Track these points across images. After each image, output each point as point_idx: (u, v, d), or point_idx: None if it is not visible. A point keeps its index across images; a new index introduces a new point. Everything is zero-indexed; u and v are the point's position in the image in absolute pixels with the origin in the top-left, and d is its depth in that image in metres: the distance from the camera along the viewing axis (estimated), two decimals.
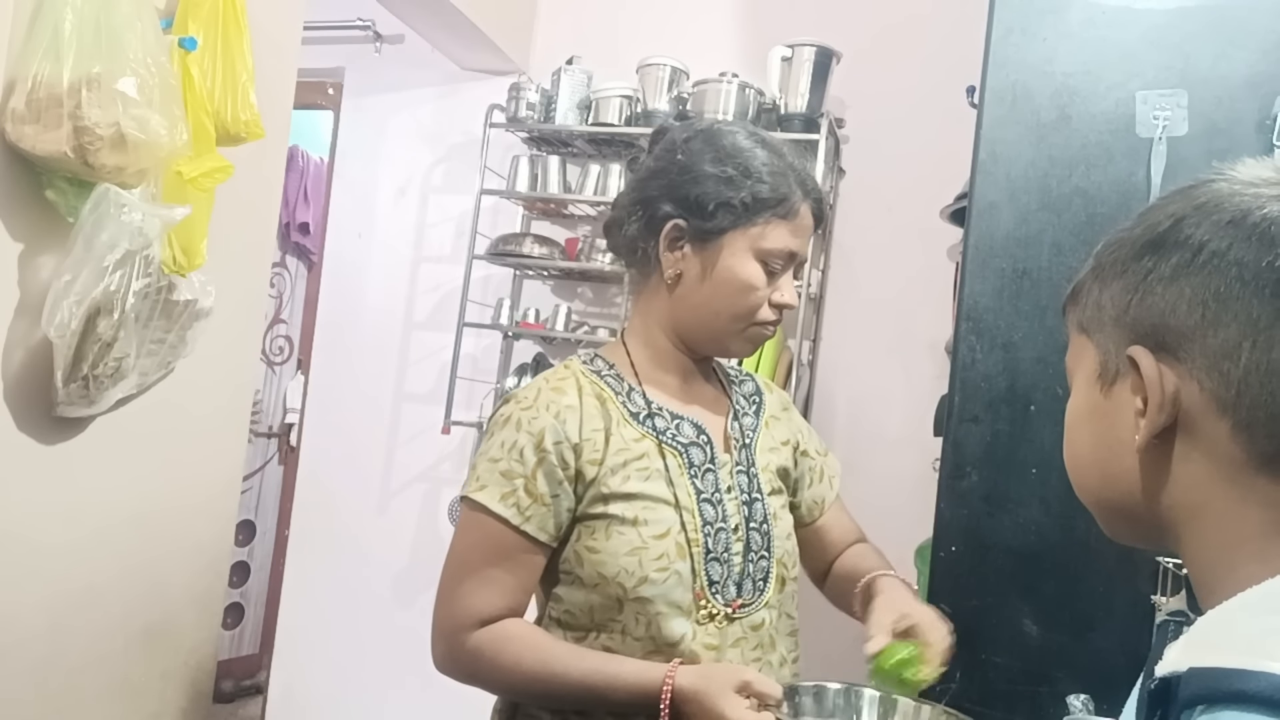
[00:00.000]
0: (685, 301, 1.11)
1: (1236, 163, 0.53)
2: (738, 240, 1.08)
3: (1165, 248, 0.53)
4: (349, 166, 2.94)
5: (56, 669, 1.49)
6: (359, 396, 2.86)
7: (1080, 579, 1.38)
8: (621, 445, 1.08)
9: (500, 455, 1.06)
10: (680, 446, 1.12)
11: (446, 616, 1.08)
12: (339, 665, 2.85)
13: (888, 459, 2.39)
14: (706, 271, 1.09)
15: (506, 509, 1.05)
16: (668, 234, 1.10)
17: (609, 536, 1.06)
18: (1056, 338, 1.41)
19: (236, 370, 1.79)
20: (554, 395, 1.09)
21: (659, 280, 1.13)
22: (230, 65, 1.48)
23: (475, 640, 1.05)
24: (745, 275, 1.08)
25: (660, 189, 1.11)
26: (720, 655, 1.08)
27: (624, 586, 1.05)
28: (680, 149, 1.12)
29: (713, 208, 1.07)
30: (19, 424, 1.38)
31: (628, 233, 1.13)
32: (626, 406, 1.12)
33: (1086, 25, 1.43)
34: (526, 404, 1.08)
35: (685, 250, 1.10)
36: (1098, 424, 0.58)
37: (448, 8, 2.35)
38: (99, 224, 1.31)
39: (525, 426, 1.06)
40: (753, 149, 1.10)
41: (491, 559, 1.06)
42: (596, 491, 1.07)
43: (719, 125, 1.16)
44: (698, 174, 1.09)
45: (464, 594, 1.06)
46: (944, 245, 2.32)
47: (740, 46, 2.55)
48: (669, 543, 1.06)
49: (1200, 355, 0.50)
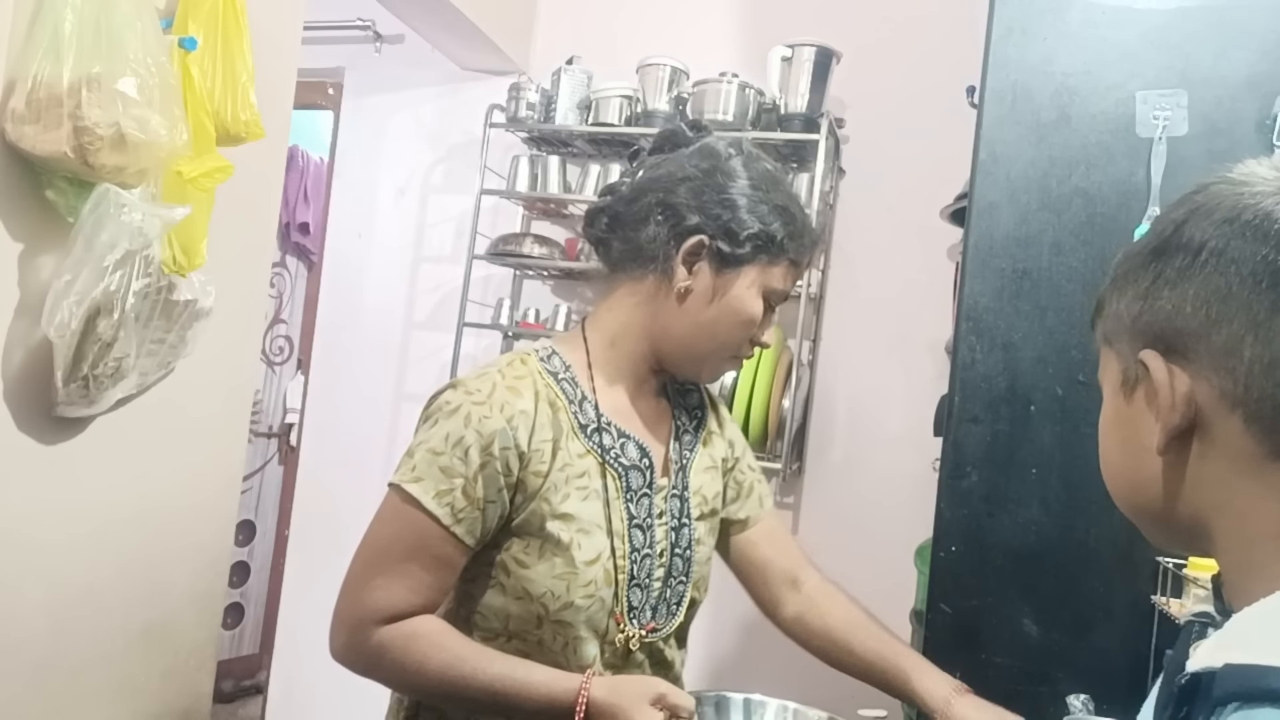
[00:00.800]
0: (685, 316, 1.09)
1: (1236, 164, 0.54)
2: (753, 273, 1.09)
3: (1169, 252, 0.54)
4: (349, 166, 2.94)
5: (57, 669, 1.49)
6: (359, 396, 2.86)
7: (1080, 579, 1.38)
8: (567, 460, 1.06)
9: (443, 449, 1.01)
10: (621, 469, 1.10)
11: (354, 606, 1.04)
12: (339, 665, 2.85)
13: (888, 459, 2.39)
14: (717, 295, 1.09)
15: (440, 508, 1.00)
16: (690, 248, 1.08)
17: (541, 557, 1.04)
18: (1056, 338, 1.41)
19: (236, 370, 1.79)
20: (509, 395, 1.04)
21: (659, 286, 1.10)
22: (230, 65, 1.48)
23: (381, 635, 1.02)
24: (750, 308, 1.09)
25: (692, 199, 1.08)
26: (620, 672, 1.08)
27: (547, 608, 1.04)
28: (721, 168, 1.10)
29: (744, 237, 1.07)
30: (19, 424, 1.38)
31: (645, 232, 1.10)
32: (577, 417, 1.09)
33: (1086, 25, 1.43)
34: (480, 399, 1.03)
35: (702, 267, 1.08)
36: (1123, 431, 0.59)
37: (448, 8, 2.35)
38: (99, 224, 1.31)
39: (475, 424, 1.01)
40: (778, 187, 1.12)
41: (412, 555, 1.02)
42: (536, 506, 1.04)
43: (756, 150, 1.16)
44: (735, 199, 1.08)
45: (377, 586, 1.02)
46: (944, 245, 2.33)
47: (740, 46, 2.55)
48: (597, 569, 1.06)
49: (1207, 354, 0.52)
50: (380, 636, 1.02)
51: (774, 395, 2.25)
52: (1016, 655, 1.39)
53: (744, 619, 2.34)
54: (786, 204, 1.11)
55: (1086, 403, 1.38)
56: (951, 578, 1.44)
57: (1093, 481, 1.38)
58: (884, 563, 2.29)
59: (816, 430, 2.47)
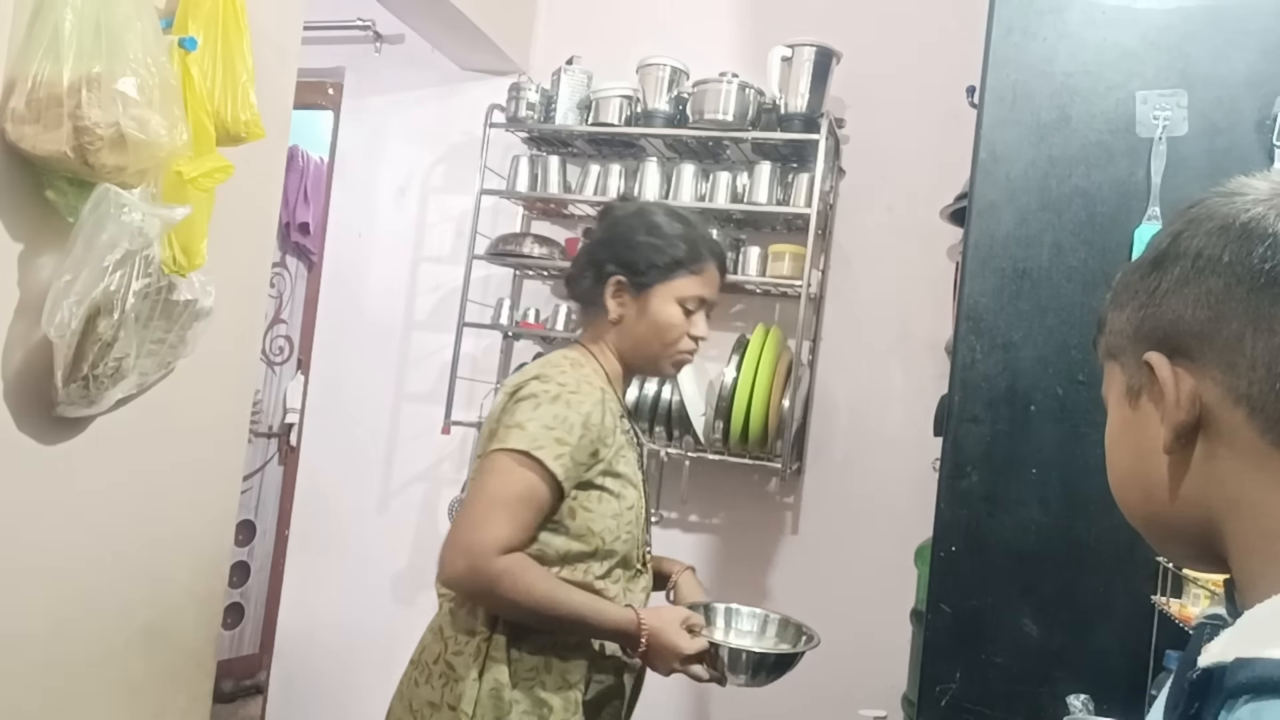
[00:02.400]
0: (626, 335, 1.48)
1: (1230, 179, 0.57)
2: (662, 291, 1.46)
3: (1167, 262, 0.57)
4: (349, 166, 2.94)
5: (57, 669, 1.49)
6: (359, 396, 2.86)
7: (1080, 579, 1.38)
8: (617, 436, 1.42)
9: (554, 425, 1.32)
10: (637, 443, 1.52)
11: (476, 538, 1.29)
12: (339, 665, 2.85)
13: (888, 459, 2.39)
14: (641, 313, 1.47)
15: (559, 467, 1.31)
16: (612, 285, 1.47)
17: (601, 502, 1.39)
18: (1056, 338, 1.41)
19: (236, 370, 1.79)
20: (590, 386, 1.39)
21: (604, 319, 1.49)
22: (230, 65, 1.48)
23: (503, 563, 1.28)
24: (668, 317, 1.47)
25: (607, 254, 1.49)
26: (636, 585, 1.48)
27: (604, 540, 1.39)
28: (622, 224, 1.51)
29: (644, 267, 1.45)
30: (19, 424, 1.38)
31: (583, 285, 1.52)
32: (613, 404, 1.45)
33: (1086, 25, 1.43)
34: (572, 387, 1.36)
35: (625, 298, 1.47)
36: (1130, 437, 0.60)
37: (448, 8, 2.35)
38: (99, 224, 1.31)
39: (575, 406, 1.35)
40: (671, 224, 1.48)
41: (526, 502, 1.31)
42: (604, 467, 1.38)
43: (648, 205, 1.60)
44: (634, 243, 1.47)
45: (496, 523, 1.29)
46: (944, 245, 2.33)
47: (740, 46, 2.55)
48: (634, 513, 1.43)
49: (1210, 352, 0.54)
50: (502, 563, 1.29)
51: (774, 395, 2.25)
52: (1016, 655, 1.39)
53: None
54: (675, 235, 1.47)
55: (1086, 403, 1.38)
56: (951, 578, 1.44)
57: (1093, 481, 1.38)
58: (884, 563, 2.30)
59: (816, 430, 2.47)
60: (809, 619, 1.65)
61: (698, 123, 2.36)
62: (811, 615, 1.59)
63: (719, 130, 2.34)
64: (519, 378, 1.41)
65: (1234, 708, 0.44)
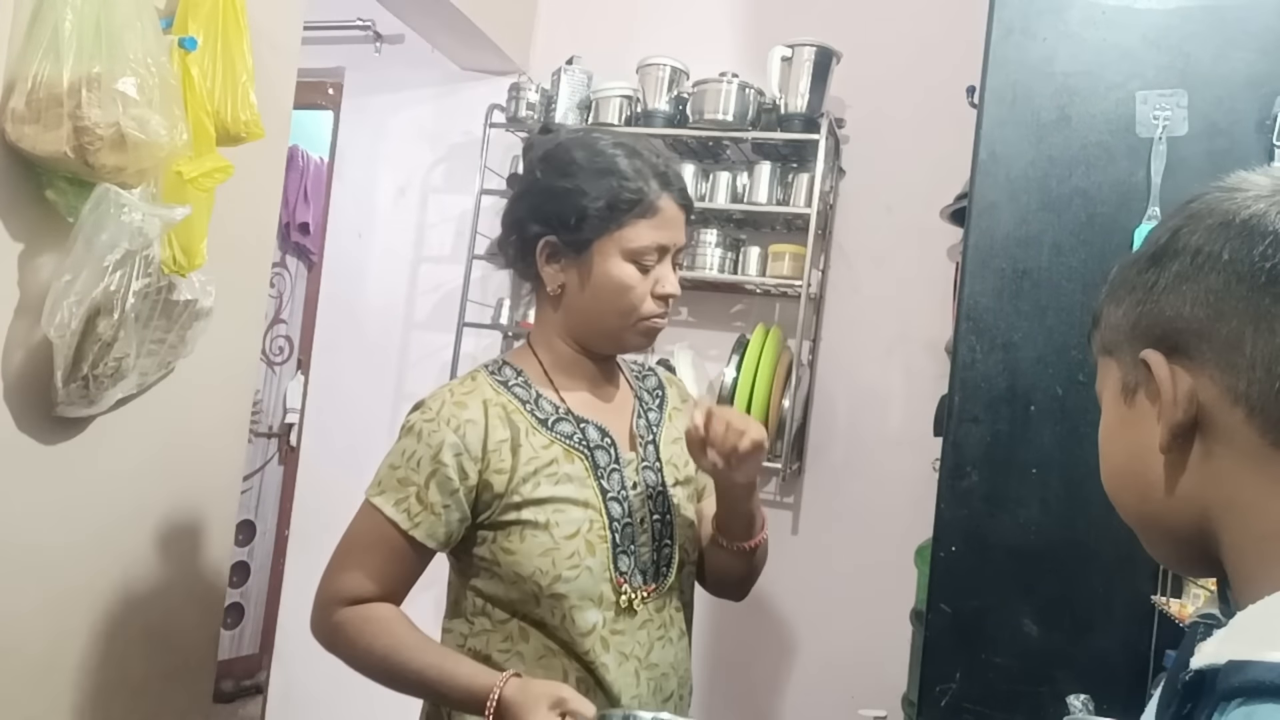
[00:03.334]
0: (573, 310, 1.18)
1: (1230, 175, 0.56)
2: (606, 246, 1.14)
3: (1166, 258, 0.56)
4: (349, 166, 2.94)
5: (57, 669, 1.49)
6: (359, 396, 2.86)
7: (1080, 579, 1.38)
8: (531, 454, 1.15)
9: (399, 463, 1.14)
10: (586, 450, 1.18)
11: (323, 588, 1.18)
12: (339, 665, 2.84)
13: (888, 459, 2.39)
14: (584, 280, 1.15)
15: (398, 514, 1.13)
16: (542, 251, 1.16)
17: (523, 539, 1.13)
18: (1056, 338, 1.41)
19: (236, 370, 1.79)
20: (455, 409, 1.14)
21: (545, 294, 1.19)
22: (230, 65, 1.48)
23: (341, 616, 1.15)
24: (619, 276, 1.14)
25: (526, 210, 1.17)
26: (626, 636, 1.17)
27: (539, 584, 1.13)
28: (538, 167, 1.18)
29: (575, 220, 1.13)
30: (19, 424, 1.38)
31: (508, 255, 1.21)
32: (534, 414, 1.18)
33: (1086, 25, 1.43)
34: (429, 415, 1.14)
35: (561, 263, 1.16)
36: (1126, 435, 0.60)
37: (448, 8, 2.35)
38: (99, 224, 1.31)
39: (425, 438, 1.13)
40: (606, 154, 1.15)
41: (376, 550, 1.15)
42: (507, 500, 1.14)
43: (573, 136, 1.20)
44: (555, 190, 1.14)
45: (343, 572, 1.16)
46: (944, 245, 2.33)
47: (740, 46, 2.55)
48: (579, 541, 1.14)
49: (1209, 351, 0.53)
50: (339, 616, 1.16)
51: (774, 395, 2.25)
52: (1016, 655, 1.39)
53: (743, 611, 2.34)
54: (612, 169, 1.14)
55: (1086, 403, 1.38)
56: (951, 578, 1.44)
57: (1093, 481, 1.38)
58: (884, 563, 2.30)
59: (816, 430, 2.47)
60: (809, 619, 1.63)
61: (698, 123, 2.36)
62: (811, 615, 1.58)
63: (719, 130, 2.34)
64: None
65: (1226, 710, 0.44)
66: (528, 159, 1.23)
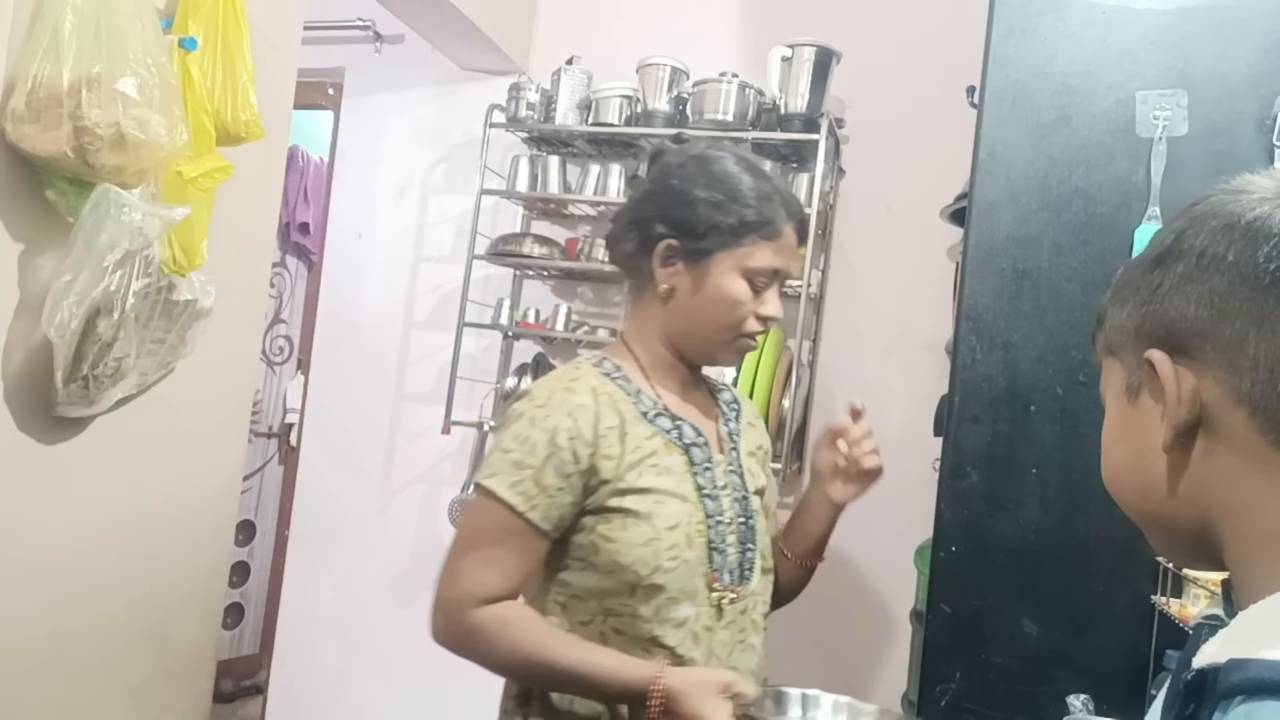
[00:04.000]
0: (678, 314, 1.21)
1: (1235, 177, 0.56)
2: (726, 260, 1.18)
3: (1171, 259, 0.56)
4: (349, 166, 2.94)
5: (57, 669, 1.49)
6: (359, 396, 2.86)
7: (1080, 579, 1.38)
8: (636, 444, 1.17)
9: (512, 447, 1.13)
10: (684, 445, 1.21)
11: (449, 591, 1.13)
12: (339, 665, 2.85)
13: (888, 459, 2.36)
14: (697, 287, 1.19)
15: (514, 496, 1.11)
16: (661, 252, 1.19)
17: (625, 528, 1.14)
18: (1056, 338, 1.41)
19: (236, 370, 1.79)
20: (565, 395, 1.16)
21: (654, 293, 1.22)
22: (230, 65, 1.48)
23: (476, 618, 1.11)
24: (732, 292, 1.18)
25: (654, 210, 1.20)
26: (714, 634, 1.18)
27: (639, 574, 1.13)
28: (674, 173, 1.21)
29: (703, 230, 1.17)
30: (19, 424, 1.38)
31: (624, 249, 1.24)
32: (637, 406, 1.20)
33: (1086, 25, 1.43)
34: (540, 402, 1.15)
35: (678, 267, 1.20)
36: (1128, 434, 0.60)
37: (448, 8, 2.35)
38: (99, 224, 1.31)
39: (539, 423, 1.13)
40: (740, 174, 1.19)
41: (497, 541, 1.13)
42: (614, 486, 1.15)
43: (710, 150, 1.24)
44: (690, 198, 1.18)
45: (468, 572, 1.13)
46: (944, 245, 2.33)
47: (740, 46, 2.54)
48: (679, 534, 1.15)
49: (1213, 351, 0.53)
50: (474, 619, 1.12)
51: (774, 395, 2.25)
52: (1016, 655, 1.39)
53: None
54: (745, 190, 1.18)
55: (1086, 403, 1.38)
56: (951, 578, 1.44)
57: (1093, 481, 1.38)
58: (884, 563, 2.30)
59: (816, 430, 2.46)
60: (809, 619, 1.63)
61: (698, 123, 2.36)
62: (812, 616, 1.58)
63: (719, 130, 2.34)
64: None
65: (1228, 709, 0.44)
66: (659, 163, 1.26)
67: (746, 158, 1.24)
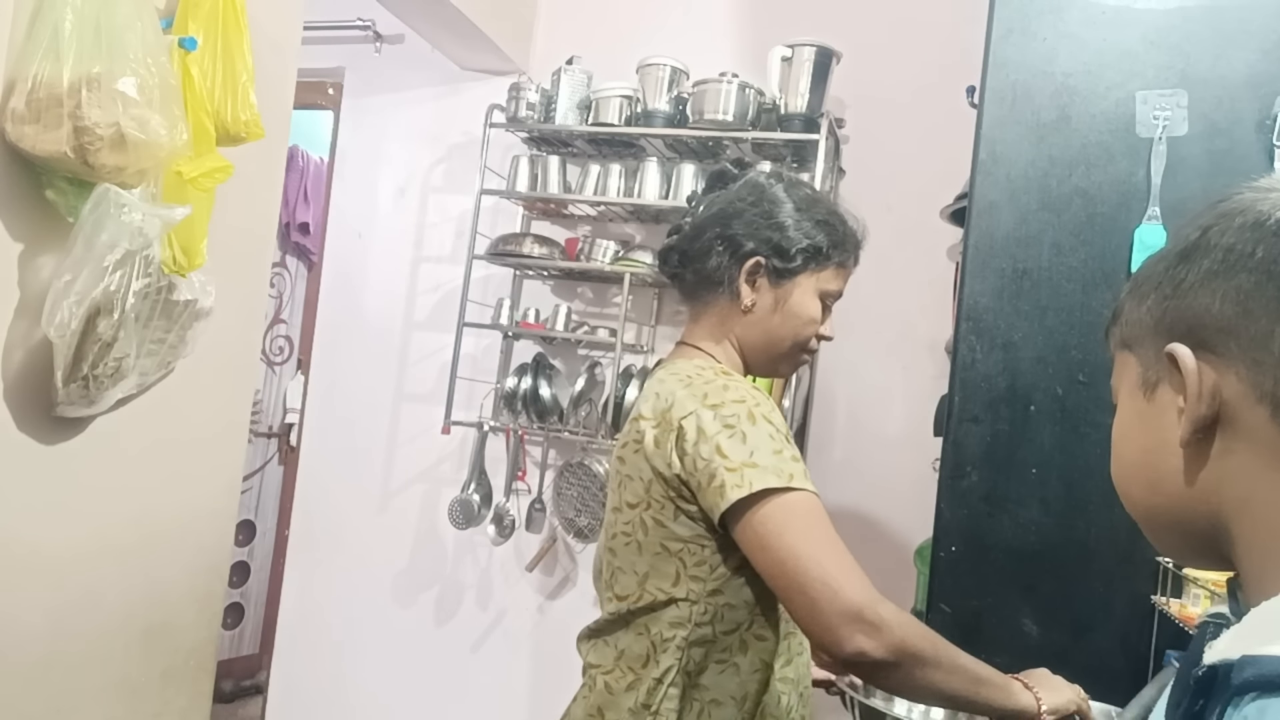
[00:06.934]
0: (756, 327, 1.25)
1: (1265, 176, 0.57)
2: (808, 281, 1.24)
3: (1196, 254, 0.56)
4: (349, 166, 2.94)
5: (57, 669, 1.49)
6: (359, 396, 2.86)
7: (1080, 579, 1.38)
8: None
9: (780, 446, 1.09)
10: None
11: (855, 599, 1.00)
12: (339, 665, 2.85)
13: (888, 459, 2.39)
14: (779, 304, 1.24)
15: (809, 483, 1.08)
16: (749, 269, 1.23)
17: None
18: (1056, 338, 1.41)
19: (236, 370, 1.79)
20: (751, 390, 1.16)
21: (731, 306, 1.25)
22: (230, 65, 1.48)
23: (888, 611, 1.02)
24: (810, 311, 1.25)
25: (744, 229, 1.24)
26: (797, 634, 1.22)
27: None
28: (767, 196, 1.26)
29: (794, 252, 1.23)
30: (19, 424, 1.38)
31: (709, 263, 1.25)
32: None
33: (1086, 25, 1.43)
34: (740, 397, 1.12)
35: (763, 284, 1.24)
36: (1143, 429, 0.60)
37: (448, 8, 2.35)
38: (99, 224, 1.31)
39: (765, 414, 1.11)
40: (827, 205, 1.28)
41: (831, 533, 1.06)
42: None
43: (792, 178, 1.31)
44: (782, 221, 1.24)
45: (849, 573, 1.03)
46: (944, 245, 2.33)
47: (740, 46, 2.55)
48: None
49: (1236, 347, 0.53)
50: (920, 623, 1.06)
51: (774, 395, 2.25)
52: (1016, 655, 1.39)
53: None
54: (827, 217, 1.25)
55: (1086, 403, 1.38)
56: (951, 578, 1.44)
57: (1093, 481, 1.38)
58: (884, 563, 2.29)
59: (816, 430, 2.47)
60: None
61: (698, 123, 2.36)
62: None
63: (719, 130, 2.34)
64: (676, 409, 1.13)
65: (1240, 705, 0.44)
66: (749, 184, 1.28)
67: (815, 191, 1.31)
